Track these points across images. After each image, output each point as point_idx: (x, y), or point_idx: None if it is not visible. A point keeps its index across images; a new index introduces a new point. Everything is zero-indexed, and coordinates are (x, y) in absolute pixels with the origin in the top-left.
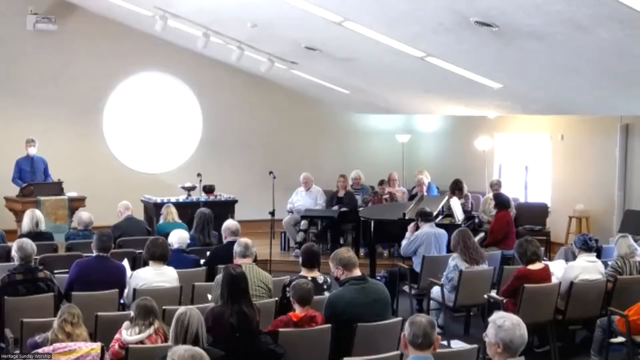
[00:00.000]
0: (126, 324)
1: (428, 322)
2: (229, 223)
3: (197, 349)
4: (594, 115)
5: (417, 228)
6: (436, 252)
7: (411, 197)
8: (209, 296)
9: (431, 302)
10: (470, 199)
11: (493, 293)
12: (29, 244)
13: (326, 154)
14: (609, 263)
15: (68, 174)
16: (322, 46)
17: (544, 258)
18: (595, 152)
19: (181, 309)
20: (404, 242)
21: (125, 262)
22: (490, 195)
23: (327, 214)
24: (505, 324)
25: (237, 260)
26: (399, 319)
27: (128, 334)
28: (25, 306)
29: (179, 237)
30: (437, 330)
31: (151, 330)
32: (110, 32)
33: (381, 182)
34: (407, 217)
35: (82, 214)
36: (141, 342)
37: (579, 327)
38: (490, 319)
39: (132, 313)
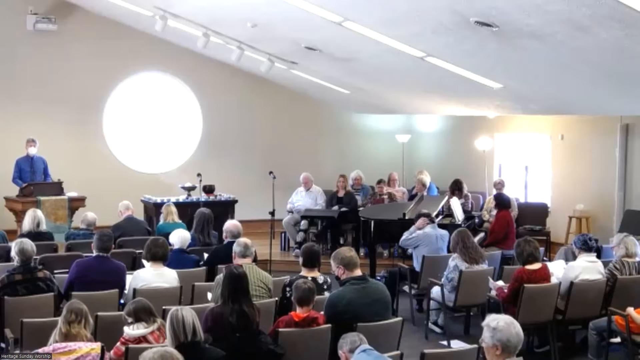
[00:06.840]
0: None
1: None
2: (230, 225)
3: (167, 349)
4: (594, 115)
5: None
6: (437, 253)
7: (411, 197)
8: (209, 295)
9: (431, 302)
10: (470, 199)
11: (493, 293)
12: (29, 245)
13: (326, 154)
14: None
15: (68, 174)
16: (322, 46)
17: (544, 258)
18: (595, 152)
19: (172, 308)
20: (405, 234)
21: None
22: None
23: (327, 214)
24: (500, 324)
25: (237, 260)
26: (399, 319)
27: (131, 329)
28: (25, 306)
29: (180, 237)
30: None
31: (155, 327)
32: (110, 32)
33: (379, 182)
34: (407, 217)
35: (88, 214)
36: (144, 337)
37: (579, 327)
38: (483, 323)
39: (128, 319)
